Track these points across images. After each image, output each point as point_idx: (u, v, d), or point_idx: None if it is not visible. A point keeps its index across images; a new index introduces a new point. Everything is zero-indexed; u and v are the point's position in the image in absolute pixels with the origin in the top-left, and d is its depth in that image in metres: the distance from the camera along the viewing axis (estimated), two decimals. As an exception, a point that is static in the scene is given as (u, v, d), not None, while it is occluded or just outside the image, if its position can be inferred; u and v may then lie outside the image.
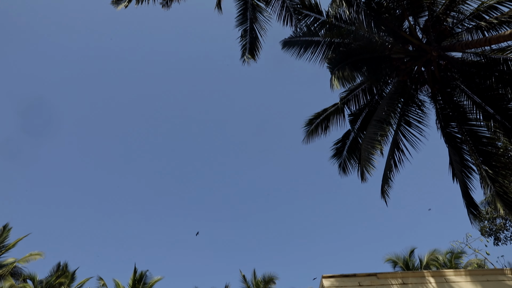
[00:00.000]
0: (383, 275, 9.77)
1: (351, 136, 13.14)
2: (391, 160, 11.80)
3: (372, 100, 12.93)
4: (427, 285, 9.64)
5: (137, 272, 21.26)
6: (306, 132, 13.63)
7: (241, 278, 25.82)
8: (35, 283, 21.60)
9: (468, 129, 11.43)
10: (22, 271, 23.19)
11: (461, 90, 11.87)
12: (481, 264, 19.91)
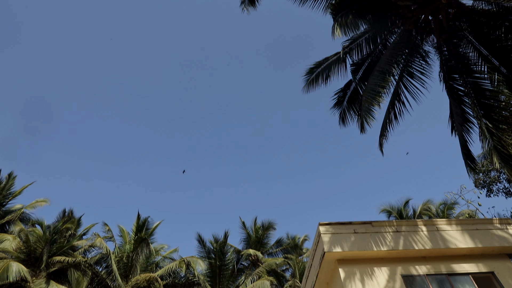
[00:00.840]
0: (377, 223, 10.14)
1: (352, 87, 12.95)
2: (391, 111, 11.75)
3: (375, 50, 12.57)
4: (419, 233, 10.03)
5: (140, 218, 22.07)
6: (306, 81, 13.41)
7: (241, 224, 26.84)
8: (43, 228, 22.52)
9: (472, 82, 11.25)
10: (30, 217, 24.14)
11: (468, 41, 11.50)
12: (472, 215, 20.60)
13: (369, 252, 9.41)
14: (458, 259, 9.87)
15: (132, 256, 20.65)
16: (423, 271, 9.50)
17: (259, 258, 23.59)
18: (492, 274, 9.65)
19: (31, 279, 18.21)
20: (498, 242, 9.93)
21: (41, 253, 19.39)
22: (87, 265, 20.25)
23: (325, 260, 9.45)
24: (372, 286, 9.04)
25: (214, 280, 21.78)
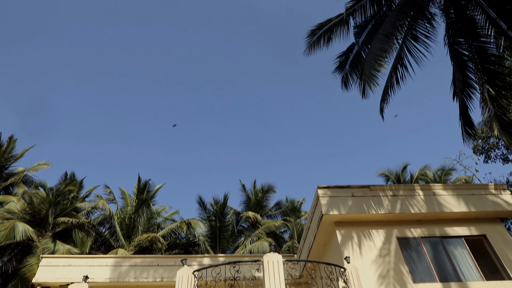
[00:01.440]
0: (375, 187, 10.33)
1: (354, 50, 12.69)
2: (393, 76, 11.59)
3: (379, 12, 12.18)
4: (416, 197, 10.24)
5: (141, 181, 22.41)
6: (307, 44, 13.10)
7: (241, 187, 27.25)
8: (46, 190, 22.91)
9: (477, 46, 11.01)
10: (33, 179, 24.47)
11: (476, 3, 11.12)
12: (468, 181, 20.93)
13: (366, 215, 9.66)
14: (452, 222, 10.15)
15: (134, 218, 21.17)
16: (418, 233, 9.79)
17: (258, 220, 24.21)
18: (484, 237, 9.96)
19: (37, 239, 18.79)
20: (491, 207, 10.16)
21: (45, 214, 19.86)
22: (91, 226, 20.82)
23: (323, 223, 9.73)
24: (368, 247, 9.37)
25: (214, 241, 22.49)
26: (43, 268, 12.61)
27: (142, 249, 19.99)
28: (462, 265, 9.33)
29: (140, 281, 12.11)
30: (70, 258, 13.11)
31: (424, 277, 8.97)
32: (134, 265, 12.64)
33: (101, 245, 21.09)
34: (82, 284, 8.21)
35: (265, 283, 6.65)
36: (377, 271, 8.89)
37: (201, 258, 13.03)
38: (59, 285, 12.04)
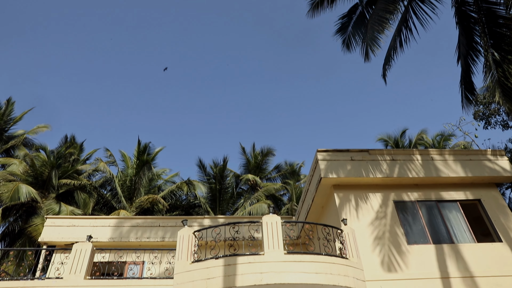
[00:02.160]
0: (374, 151, 10.39)
1: (358, 11, 12.25)
2: (397, 39, 11.29)
3: (386, -30, 11.63)
4: (414, 162, 10.32)
5: (141, 144, 22.50)
6: (310, 5, 12.64)
7: (241, 150, 27.36)
8: (47, 153, 23.05)
9: (486, 8, 10.62)
10: (33, 142, 24.55)
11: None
12: (467, 146, 21.03)
13: (364, 179, 9.79)
14: (448, 187, 10.31)
15: (135, 180, 21.47)
16: (414, 197, 9.98)
17: (257, 183, 24.54)
18: (478, 202, 10.16)
19: (41, 200, 19.16)
20: (488, 172, 10.28)
21: (47, 177, 20.12)
22: (93, 188, 21.15)
23: (321, 185, 9.88)
24: (365, 210, 9.58)
25: (214, 203, 22.94)
26: (48, 228, 12.97)
27: (144, 210, 20.44)
28: (455, 228, 9.59)
29: (142, 241, 12.50)
30: (74, 219, 13.45)
31: (418, 239, 9.24)
32: (136, 225, 12.99)
33: (103, 207, 21.54)
34: (86, 243, 8.46)
35: (264, 243, 6.85)
36: (373, 233, 9.15)
37: (201, 219, 13.37)
38: (64, 244, 12.43)
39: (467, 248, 9.04)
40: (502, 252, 9.07)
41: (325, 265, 6.73)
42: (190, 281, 6.73)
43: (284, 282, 6.36)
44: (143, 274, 11.61)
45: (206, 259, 6.85)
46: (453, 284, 8.39)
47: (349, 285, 6.80)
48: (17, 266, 16.47)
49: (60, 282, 7.78)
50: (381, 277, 8.32)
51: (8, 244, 18.82)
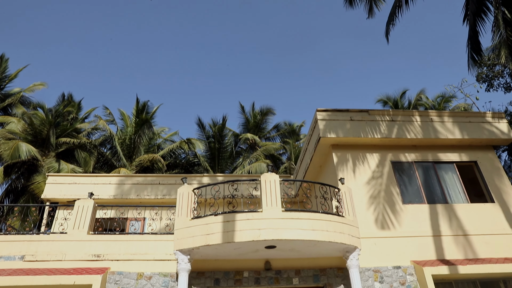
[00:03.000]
0: (374, 111, 10.33)
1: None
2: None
3: None
4: (413, 123, 10.30)
5: (139, 102, 22.31)
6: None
7: (240, 109, 27.17)
8: (45, 111, 22.87)
9: (498, -39, 10.12)
10: (31, 100, 24.28)
11: None
12: (467, 109, 20.90)
13: (363, 139, 9.82)
14: (446, 148, 10.38)
15: (135, 138, 21.53)
16: (411, 158, 10.07)
17: (256, 142, 24.62)
18: (474, 164, 10.28)
19: (42, 158, 19.31)
20: (486, 135, 10.30)
21: (47, 135, 20.13)
22: (92, 146, 21.25)
23: (320, 145, 9.93)
24: (362, 170, 9.69)
25: (213, 162, 23.17)
26: (50, 185, 13.18)
27: (143, 168, 20.68)
28: (450, 189, 9.77)
29: (143, 198, 12.76)
30: (75, 177, 13.64)
31: (413, 198, 9.44)
32: (136, 183, 13.20)
33: (103, 165, 21.77)
34: (88, 200, 8.62)
35: (262, 201, 6.99)
36: (369, 192, 9.33)
37: (201, 177, 13.57)
38: (66, 201, 12.70)
39: (460, 208, 9.27)
40: (493, 212, 9.31)
41: (321, 223, 6.92)
42: (190, 236, 6.94)
43: (282, 238, 6.57)
44: (144, 229, 11.98)
45: (206, 216, 7.02)
46: (444, 241, 8.70)
47: (344, 241, 7.03)
48: (22, 222, 16.93)
49: (65, 237, 8.02)
50: (375, 234, 8.60)
51: (12, 201, 19.22)
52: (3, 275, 7.13)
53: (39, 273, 7.22)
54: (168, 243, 7.89)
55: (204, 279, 7.67)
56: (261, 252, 7.39)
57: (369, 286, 7.88)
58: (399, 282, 8.01)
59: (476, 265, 7.97)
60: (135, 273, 7.62)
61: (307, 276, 7.93)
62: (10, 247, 7.88)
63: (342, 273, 8.03)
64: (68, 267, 7.61)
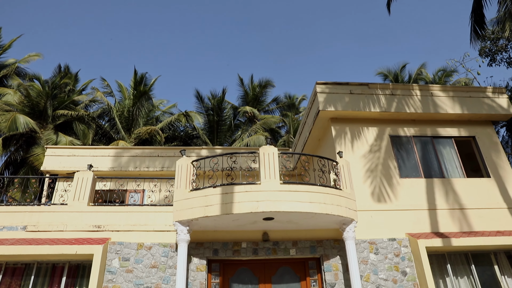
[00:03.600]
0: (374, 85, 10.23)
1: None
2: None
3: None
4: (413, 97, 10.23)
5: (137, 74, 22.02)
6: None
7: (239, 82, 26.90)
8: (42, 83, 22.59)
9: None
10: (26, 72, 23.92)
11: None
12: (468, 83, 20.73)
13: (362, 113, 9.77)
14: (445, 123, 10.36)
15: (133, 111, 21.40)
16: (410, 132, 10.07)
17: (255, 115, 24.52)
18: (473, 139, 10.30)
19: (40, 131, 19.25)
20: (486, 110, 10.27)
21: (44, 107, 19.98)
22: (90, 119, 21.15)
23: (319, 118, 9.89)
24: (360, 143, 9.71)
25: (212, 135, 23.18)
26: (49, 157, 13.21)
27: (142, 141, 20.70)
28: (447, 164, 9.84)
29: (142, 170, 12.83)
30: (74, 149, 13.65)
31: (410, 173, 9.52)
32: (135, 155, 13.24)
33: (102, 137, 21.76)
34: (87, 172, 8.65)
35: (261, 173, 7.04)
36: (366, 165, 9.38)
37: (199, 150, 13.60)
38: (66, 173, 12.78)
39: (457, 182, 9.37)
40: (488, 187, 9.43)
41: (319, 195, 7.00)
42: (189, 208, 7.03)
43: (279, 210, 6.66)
44: (144, 201, 12.12)
45: (204, 188, 7.08)
46: (439, 215, 8.85)
47: (341, 214, 7.14)
48: (23, 193, 17.10)
49: (65, 208, 8.12)
50: (371, 207, 8.73)
51: (12, 173, 19.33)
52: (6, 244, 7.27)
53: (41, 243, 7.36)
54: (167, 215, 8.01)
55: (203, 249, 7.85)
56: (259, 224, 7.52)
57: (364, 257, 8.08)
58: (393, 254, 8.21)
59: (468, 238, 8.15)
60: (135, 243, 7.78)
61: (304, 247, 8.11)
62: (12, 217, 7.99)
63: (338, 245, 8.21)
64: (70, 237, 7.75)
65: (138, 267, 7.55)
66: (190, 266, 7.61)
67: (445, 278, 8.29)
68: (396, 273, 8.02)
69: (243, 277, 8.05)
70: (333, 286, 7.74)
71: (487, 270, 8.49)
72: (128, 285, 7.36)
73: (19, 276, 7.60)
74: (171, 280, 7.46)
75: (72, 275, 7.71)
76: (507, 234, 8.35)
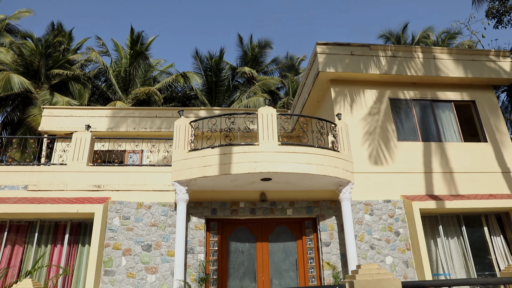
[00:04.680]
0: (375, 46, 9.99)
1: None
2: None
3: None
4: (414, 59, 10.03)
5: (134, 33, 21.38)
6: None
7: (238, 41, 26.20)
8: (35, 41, 21.95)
9: None
10: (18, 29, 23.14)
11: None
12: (472, 46, 20.30)
13: (362, 75, 9.62)
14: (445, 87, 10.25)
15: (130, 71, 21.00)
16: (410, 95, 9.98)
17: (254, 76, 24.13)
18: (473, 103, 10.24)
19: (35, 91, 18.97)
20: (488, 73, 10.12)
21: (38, 66, 19.55)
22: (87, 79, 20.79)
23: (319, 80, 9.74)
24: (359, 105, 9.64)
25: (210, 95, 22.94)
26: (46, 118, 13.13)
27: (140, 102, 20.50)
28: (445, 128, 9.84)
29: (140, 131, 12.81)
30: (71, 109, 13.54)
31: (408, 136, 9.54)
32: (133, 116, 13.16)
33: (99, 98, 21.51)
34: (85, 132, 8.63)
35: (259, 134, 7.04)
36: (365, 128, 9.38)
37: (198, 111, 13.51)
38: (64, 133, 12.75)
39: (454, 146, 9.43)
40: (484, 151, 9.50)
41: (316, 157, 7.05)
42: (188, 168, 7.09)
43: (277, 171, 6.73)
44: (142, 161, 12.21)
45: (203, 148, 7.11)
46: (435, 178, 8.98)
47: (338, 175, 7.23)
48: (22, 154, 17.15)
49: (65, 168, 8.17)
50: (368, 170, 8.83)
51: (9, 133, 19.27)
52: (9, 203, 7.39)
53: (43, 202, 7.48)
54: (166, 175, 8.09)
55: (201, 208, 8.01)
56: (257, 184, 7.63)
57: (359, 218, 8.30)
58: (388, 215, 8.42)
59: (461, 201, 8.33)
60: (135, 202, 7.92)
61: (301, 207, 8.29)
62: (13, 177, 8.06)
63: (334, 206, 8.40)
64: (70, 197, 7.87)
65: (138, 226, 7.75)
66: (189, 225, 7.81)
67: (436, 239, 8.58)
68: (390, 233, 8.27)
69: (241, 236, 8.30)
70: (328, 245, 8.00)
71: (476, 232, 8.78)
72: (129, 243, 7.59)
73: (24, 233, 7.81)
74: (171, 238, 7.68)
75: (74, 233, 7.92)
76: (499, 198, 8.53)
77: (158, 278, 7.37)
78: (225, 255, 8.09)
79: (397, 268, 7.97)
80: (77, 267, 7.67)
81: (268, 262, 8.09)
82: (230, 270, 8.02)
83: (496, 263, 8.48)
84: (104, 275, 7.32)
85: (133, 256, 7.49)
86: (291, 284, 7.93)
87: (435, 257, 8.45)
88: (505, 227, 8.88)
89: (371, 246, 8.09)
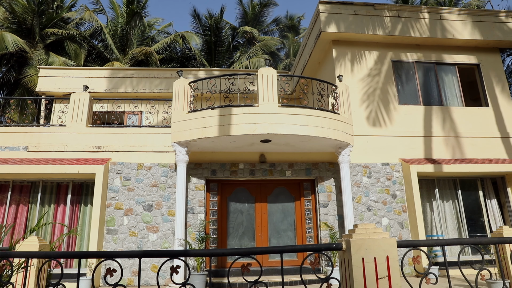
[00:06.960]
0: (380, 6, 9.63)
1: None
2: None
3: None
4: (420, 20, 9.71)
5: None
6: None
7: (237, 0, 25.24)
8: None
9: None
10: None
11: None
12: (480, 6, 19.60)
13: (365, 35, 9.35)
14: (450, 49, 10.00)
15: (127, 30, 20.38)
16: (413, 58, 9.76)
17: (254, 36, 23.46)
18: (477, 67, 10.04)
19: (30, 50, 18.52)
20: (496, 36, 9.84)
21: (32, 25, 18.95)
22: (82, 38, 20.22)
23: (320, 40, 9.48)
24: (361, 67, 9.45)
25: (210, 56, 22.40)
26: (43, 78, 12.91)
27: (138, 62, 20.07)
28: (448, 92, 9.72)
29: (139, 92, 12.66)
30: (68, 70, 13.28)
31: (409, 99, 9.45)
32: (131, 76, 12.94)
33: (96, 58, 21.04)
34: (83, 93, 8.52)
35: (259, 96, 6.96)
36: (364, 89, 9.25)
37: (197, 72, 13.28)
38: (62, 94, 12.60)
39: (455, 111, 9.36)
40: (485, 116, 9.45)
41: (316, 119, 7.01)
42: (187, 129, 7.07)
43: (277, 133, 6.72)
44: (142, 123, 12.17)
45: (202, 109, 7.05)
46: (434, 142, 9.00)
47: (338, 138, 7.24)
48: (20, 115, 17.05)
49: (64, 129, 8.15)
50: (367, 132, 8.83)
51: (6, 94, 19.03)
52: (10, 164, 7.44)
53: (44, 163, 7.54)
54: (166, 136, 8.09)
55: (201, 169, 8.09)
56: (257, 146, 7.65)
57: (357, 180, 8.41)
58: (385, 178, 8.53)
59: (459, 165, 8.41)
60: (135, 163, 7.98)
61: (300, 169, 8.38)
62: (13, 138, 8.07)
63: (333, 168, 8.48)
64: (71, 158, 7.92)
65: (139, 186, 7.86)
66: (189, 186, 7.93)
67: (432, 202, 8.75)
68: (387, 196, 8.42)
69: (240, 196, 8.46)
70: (326, 206, 8.17)
71: (471, 195, 8.94)
72: (130, 203, 7.73)
73: (27, 193, 7.94)
74: (171, 198, 7.82)
75: (76, 193, 8.06)
76: (495, 162, 8.61)
77: (159, 237, 7.59)
78: (225, 215, 8.28)
79: (392, 229, 8.19)
80: (81, 226, 7.88)
81: (266, 222, 8.30)
82: (230, 230, 8.25)
83: (489, 226, 8.72)
84: (107, 233, 7.53)
85: (135, 216, 7.67)
86: (289, 243, 8.19)
87: (430, 219, 8.67)
88: (500, 191, 9.04)
89: (368, 208, 8.26)
